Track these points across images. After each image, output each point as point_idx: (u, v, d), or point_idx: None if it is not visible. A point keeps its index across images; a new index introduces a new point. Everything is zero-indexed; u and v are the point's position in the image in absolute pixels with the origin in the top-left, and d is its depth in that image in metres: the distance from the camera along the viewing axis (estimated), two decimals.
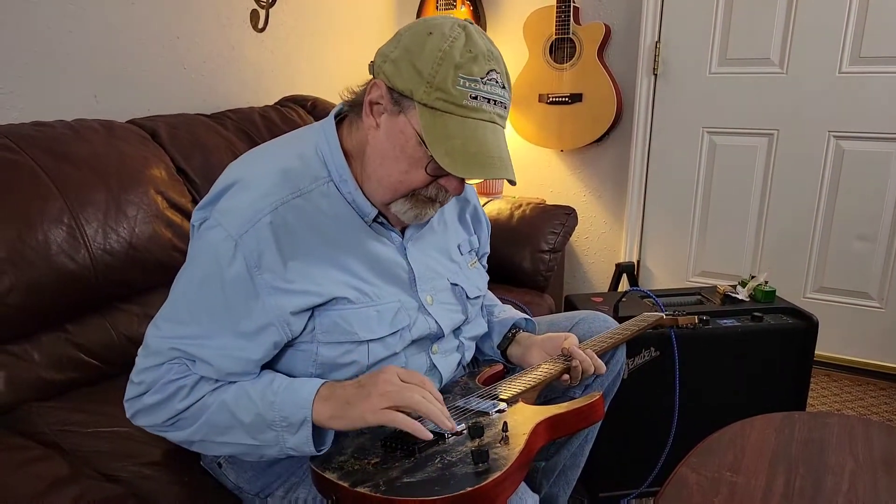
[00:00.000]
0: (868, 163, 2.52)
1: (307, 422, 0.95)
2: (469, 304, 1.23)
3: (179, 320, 1.00)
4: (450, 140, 0.95)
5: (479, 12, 3.04)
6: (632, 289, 2.03)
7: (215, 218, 1.00)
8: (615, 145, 2.94)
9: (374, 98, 1.00)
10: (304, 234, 1.01)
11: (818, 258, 2.68)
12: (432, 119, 0.96)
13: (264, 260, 0.97)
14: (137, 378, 1.01)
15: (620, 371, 1.37)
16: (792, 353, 1.81)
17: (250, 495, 1.13)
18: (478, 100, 0.96)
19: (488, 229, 1.39)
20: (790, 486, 1.12)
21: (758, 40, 2.59)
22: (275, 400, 0.96)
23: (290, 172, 1.04)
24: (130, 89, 1.93)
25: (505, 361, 1.34)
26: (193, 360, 0.99)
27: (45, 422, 1.25)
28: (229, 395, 0.98)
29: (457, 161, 0.95)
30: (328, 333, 1.02)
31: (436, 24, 0.98)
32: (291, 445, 0.96)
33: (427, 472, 0.89)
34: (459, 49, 0.95)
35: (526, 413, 1.04)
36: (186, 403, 0.98)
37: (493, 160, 0.96)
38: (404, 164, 1.01)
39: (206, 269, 0.99)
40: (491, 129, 0.98)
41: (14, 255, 1.28)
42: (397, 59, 0.97)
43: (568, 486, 1.43)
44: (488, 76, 0.97)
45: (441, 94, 0.95)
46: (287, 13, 2.45)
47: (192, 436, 1.00)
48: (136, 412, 1.02)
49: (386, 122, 1.01)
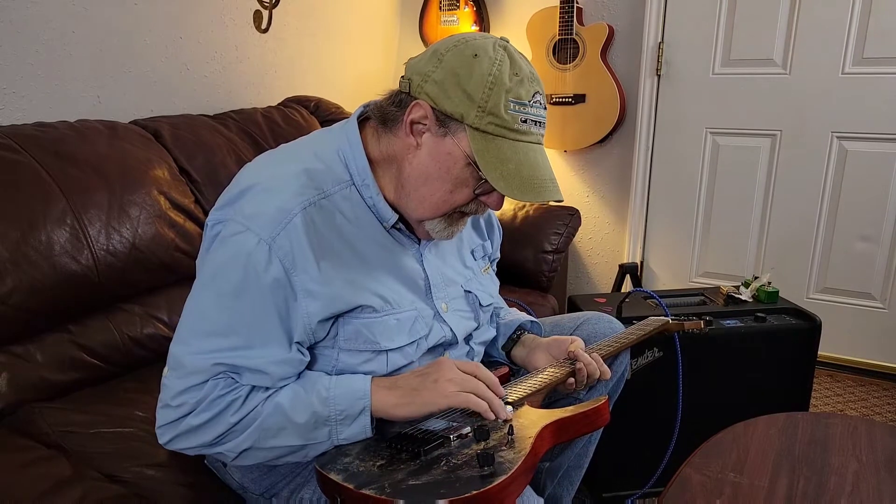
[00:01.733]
0: (871, 163, 2.51)
1: (366, 411, 0.98)
2: (481, 311, 1.24)
3: (217, 333, 0.96)
4: (504, 164, 0.96)
5: (483, 13, 3.04)
6: (635, 289, 2.03)
7: (241, 223, 0.97)
8: (618, 146, 2.94)
9: (417, 118, 1.00)
10: (329, 237, 1.01)
11: (821, 259, 2.67)
12: (484, 143, 0.97)
13: (297, 261, 0.96)
14: (176, 401, 0.95)
15: (624, 373, 1.37)
16: (795, 353, 1.80)
17: (255, 495, 1.13)
18: (527, 123, 0.98)
19: (500, 234, 1.39)
20: (793, 486, 1.12)
21: (761, 41, 2.59)
22: (328, 396, 0.97)
23: (313, 173, 1.03)
24: (133, 90, 1.94)
25: (510, 363, 1.34)
26: (239, 372, 0.96)
27: (47, 422, 1.25)
28: (284, 398, 0.97)
29: (512, 185, 0.96)
30: (350, 341, 1.03)
31: (478, 45, 0.98)
32: (346, 436, 0.98)
33: (432, 475, 0.88)
34: (507, 73, 0.97)
35: (532, 416, 1.04)
36: (239, 416, 0.95)
37: (546, 182, 0.99)
38: (449, 185, 1.01)
39: (240, 277, 0.95)
40: (540, 151, 1.01)
41: (17, 255, 1.29)
42: (442, 80, 0.97)
43: (572, 487, 1.43)
44: (534, 99, 0.99)
45: (493, 119, 0.96)
46: (290, 14, 2.45)
47: (240, 445, 0.97)
48: (176, 436, 0.96)
49: (429, 143, 1.00)
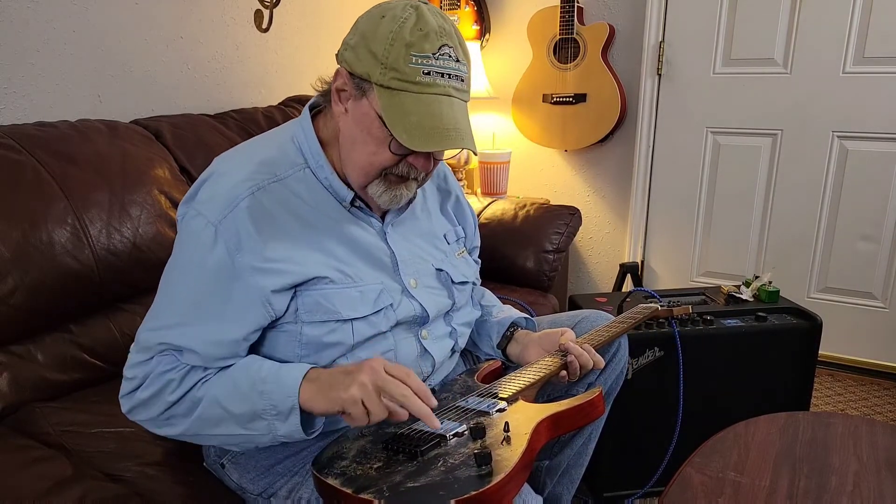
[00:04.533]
0: (872, 163, 2.51)
1: (295, 409, 0.96)
2: (455, 289, 1.25)
3: (163, 312, 1.03)
4: (407, 117, 0.98)
5: (483, 13, 3.04)
6: (636, 289, 2.03)
7: (195, 209, 1.02)
8: (619, 145, 2.94)
9: (339, 85, 1.05)
10: (282, 218, 1.04)
11: (822, 258, 2.67)
12: (390, 98, 0.99)
13: (243, 242, 1.00)
14: (130, 373, 1.03)
15: (623, 370, 1.37)
16: (796, 353, 1.80)
17: (253, 495, 1.13)
18: (430, 75, 0.98)
19: (475, 220, 1.41)
20: (794, 486, 1.12)
21: (762, 40, 2.59)
22: (264, 389, 0.97)
23: (266, 161, 1.07)
24: (134, 89, 1.94)
25: (506, 360, 1.34)
26: (180, 350, 1.00)
27: (48, 422, 1.26)
28: (220, 390, 0.99)
29: (414, 136, 0.98)
30: (311, 313, 1.04)
31: (389, 7, 1.02)
32: (283, 433, 0.97)
33: (430, 476, 0.88)
34: (410, 28, 0.98)
35: (527, 412, 1.04)
36: (177, 395, 0.99)
37: (448, 132, 0.99)
38: (371, 146, 1.03)
39: (186, 258, 1.03)
40: (447, 102, 1.00)
41: (18, 255, 1.29)
42: (355, 45, 1.02)
43: (572, 486, 1.43)
44: (440, 51, 0.99)
45: (395, 74, 0.98)
46: (291, 13, 2.45)
47: (186, 431, 1.02)
48: (131, 408, 1.03)
49: (352, 107, 1.04)
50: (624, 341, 1.37)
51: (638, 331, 1.71)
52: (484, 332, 1.38)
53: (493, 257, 2.32)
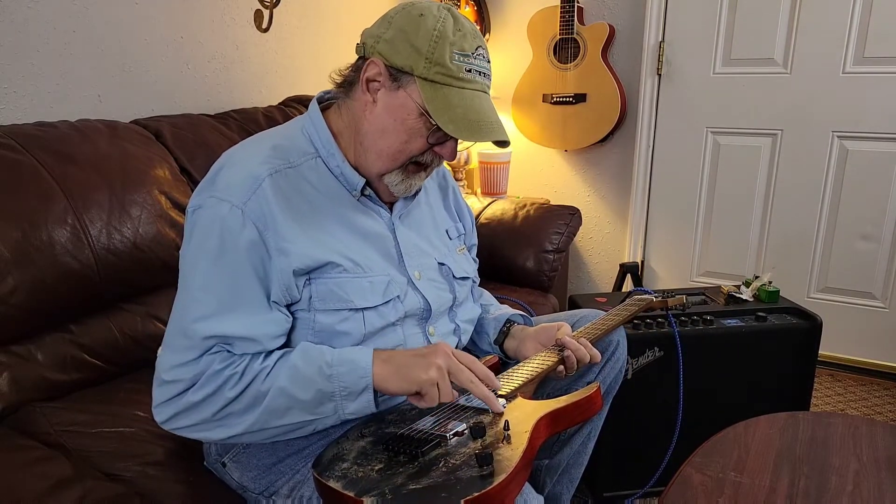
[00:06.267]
0: (872, 163, 2.51)
1: (369, 388, 1.00)
2: (456, 283, 1.27)
3: (200, 303, 0.99)
4: (452, 109, 1.04)
5: (483, 12, 3.04)
6: (636, 289, 2.02)
7: (217, 196, 1.02)
8: (619, 145, 2.94)
9: (372, 76, 1.07)
10: (297, 202, 1.07)
11: (822, 258, 2.67)
12: (433, 91, 1.04)
13: (269, 222, 1.02)
14: (170, 375, 0.98)
15: (622, 369, 1.37)
16: (796, 353, 1.80)
17: (254, 494, 1.13)
18: (471, 72, 1.06)
19: (472, 219, 1.44)
20: (794, 486, 1.12)
21: (762, 40, 2.59)
22: (332, 373, 0.99)
23: (278, 147, 1.10)
24: (134, 89, 1.94)
25: (503, 356, 1.35)
26: (230, 341, 0.99)
27: (48, 422, 1.25)
28: (285, 380, 0.98)
29: (460, 127, 1.03)
30: (324, 301, 1.06)
31: (423, 6, 1.07)
32: (351, 411, 1.01)
33: (432, 478, 0.88)
34: (451, 28, 1.04)
35: (526, 409, 1.04)
36: (237, 391, 0.97)
37: (492, 125, 1.06)
38: (404, 136, 1.08)
39: (217, 243, 1.00)
40: (484, 97, 1.08)
41: (18, 255, 1.29)
42: (392, 39, 1.05)
43: (571, 485, 1.43)
44: (476, 52, 1.07)
45: (440, 69, 1.03)
46: (291, 13, 2.45)
47: (248, 428, 0.99)
48: (175, 413, 0.98)
49: (384, 98, 1.07)
50: (623, 340, 1.37)
51: (638, 331, 1.71)
52: (481, 328, 1.39)
53: (494, 257, 2.32)
